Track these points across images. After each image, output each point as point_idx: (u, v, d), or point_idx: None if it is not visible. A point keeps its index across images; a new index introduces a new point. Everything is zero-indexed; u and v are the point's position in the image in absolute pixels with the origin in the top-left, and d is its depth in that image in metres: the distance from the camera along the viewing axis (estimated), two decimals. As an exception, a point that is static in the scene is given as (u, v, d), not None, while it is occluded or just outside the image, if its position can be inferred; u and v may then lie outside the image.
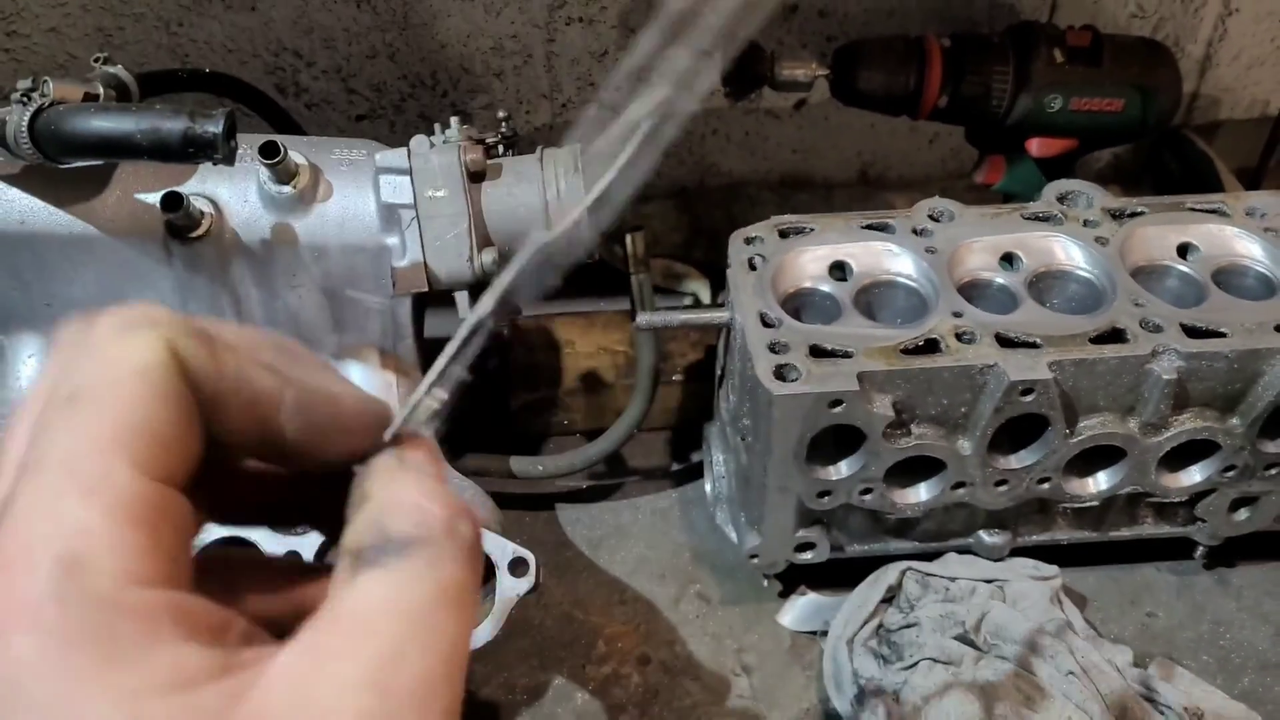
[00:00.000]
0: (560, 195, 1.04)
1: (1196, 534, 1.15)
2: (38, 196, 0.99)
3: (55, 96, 0.88)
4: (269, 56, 1.46)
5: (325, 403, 0.38)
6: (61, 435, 0.32)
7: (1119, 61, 1.26)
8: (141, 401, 0.33)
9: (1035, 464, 1.04)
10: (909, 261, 1.09)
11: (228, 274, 1.03)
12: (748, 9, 0.39)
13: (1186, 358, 0.98)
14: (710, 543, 1.23)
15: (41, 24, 1.39)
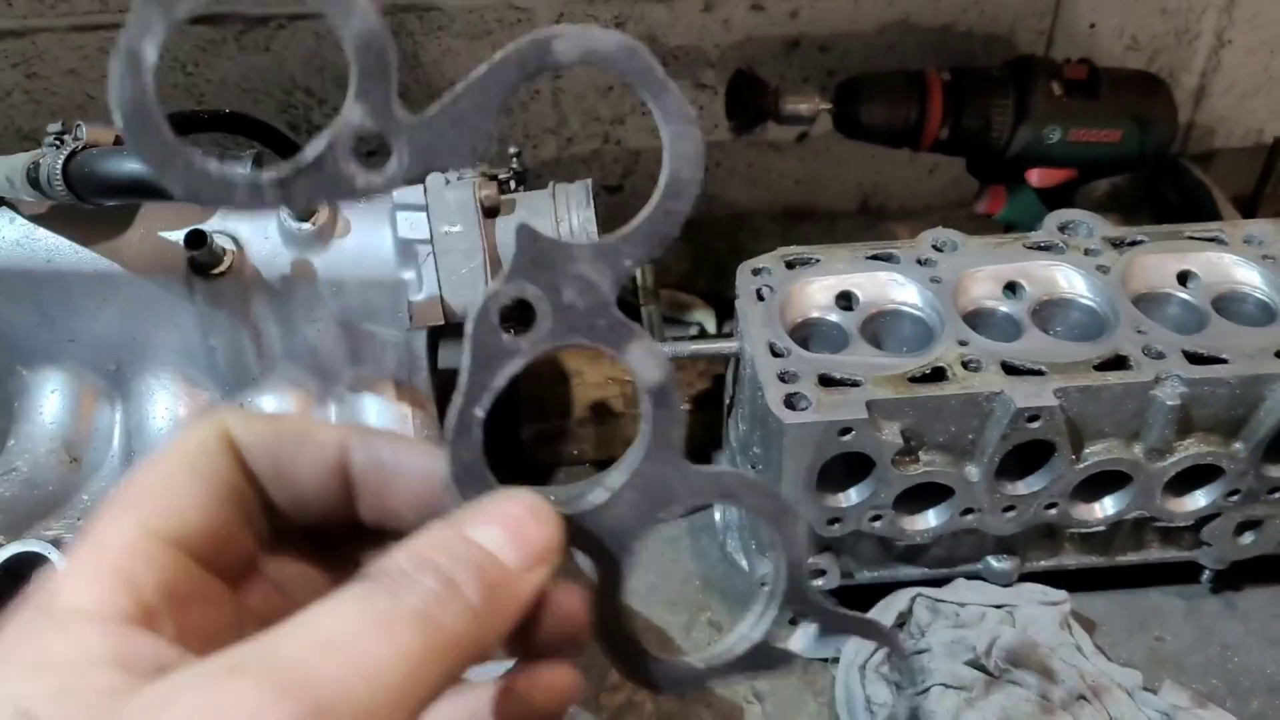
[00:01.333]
0: (573, 229, 1.06)
1: (1203, 558, 1.17)
2: (64, 235, 1.01)
3: (88, 140, 0.91)
4: (281, 95, 1.49)
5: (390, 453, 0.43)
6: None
7: (1116, 94, 1.29)
8: (165, 473, 0.38)
9: (1042, 490, 1.05)
10: (914, 291, 1.11)
11: (248, 309, 1.05)
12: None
13: (1189, 384, 1.00)
14: (720, 570, 1.24)
15: (61, 65, 1.41)
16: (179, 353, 1.08)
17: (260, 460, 0.40)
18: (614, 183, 1.65)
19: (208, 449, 0.39)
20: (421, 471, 0.42)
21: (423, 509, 0.41)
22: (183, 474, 0.38)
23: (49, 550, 0.94)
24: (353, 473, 0.42)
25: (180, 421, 1.08)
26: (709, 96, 1.58)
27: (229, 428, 0.40)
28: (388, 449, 0.42)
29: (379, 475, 0.42)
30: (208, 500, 0.38)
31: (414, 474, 0.42)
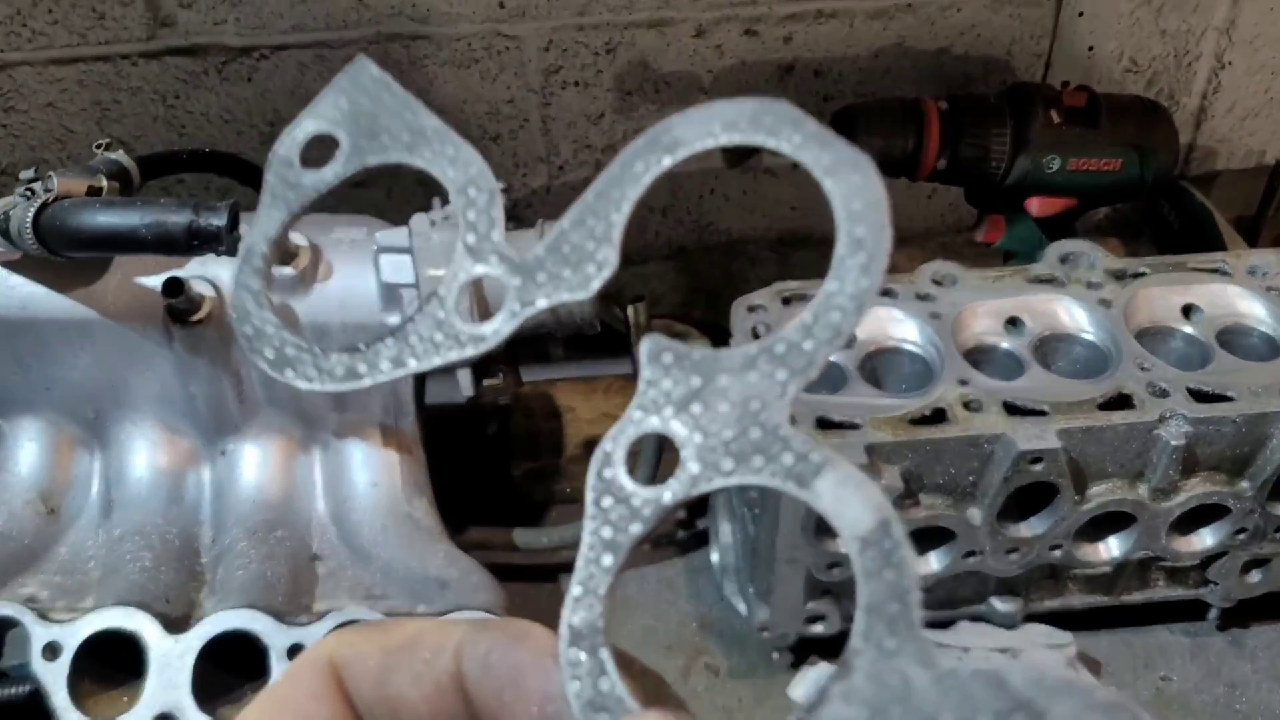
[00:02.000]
0: (562, 270, 1.04)
1: (1209, 596, 1.14)
2: (39, 282, 0.99)
3: (59, 191, 0.88)
4: (265, 126, 1.46)
5: (503, 664, 0.35)
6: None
7: (1116, 121, 1.26)
8: (277, 691, 0.35)
9: (1046, 532, 1.03)
10: (913, 327, 1.09)
11: (229, 356, 1.02)
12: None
13: (1194, 423, 0.98)
14: (718, 612, 1.22)
15: (38, 100, 1.39)
16: (158, 400, 1.05)
17: (372, 697, 0.35)
18: (606, 210, 1.63)
19: (315, 674, 0.35)
20: (536, 684, 0.34)
21: None
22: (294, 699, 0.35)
23: (21, 613, 0.92)
24: (469, 691, 0.35)
25: (162, 473, 1.05)
26: (701, 123, 1.55)
27: (341, 663, 0.35)
28: (500, 651, 0.35)
29: (494, 685, 0.35)
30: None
31: (531, 685, 0.34)
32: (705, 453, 0.33)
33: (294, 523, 1.06)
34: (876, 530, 0.32)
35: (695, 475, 0.33)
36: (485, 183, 0.37)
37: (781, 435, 0.33)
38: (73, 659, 0.90)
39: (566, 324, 1.06)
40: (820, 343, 0.33)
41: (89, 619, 0.91)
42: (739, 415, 0.33)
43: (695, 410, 0.34)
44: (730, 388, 0.33)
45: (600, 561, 0.34)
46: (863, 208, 0.33)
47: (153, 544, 1.00)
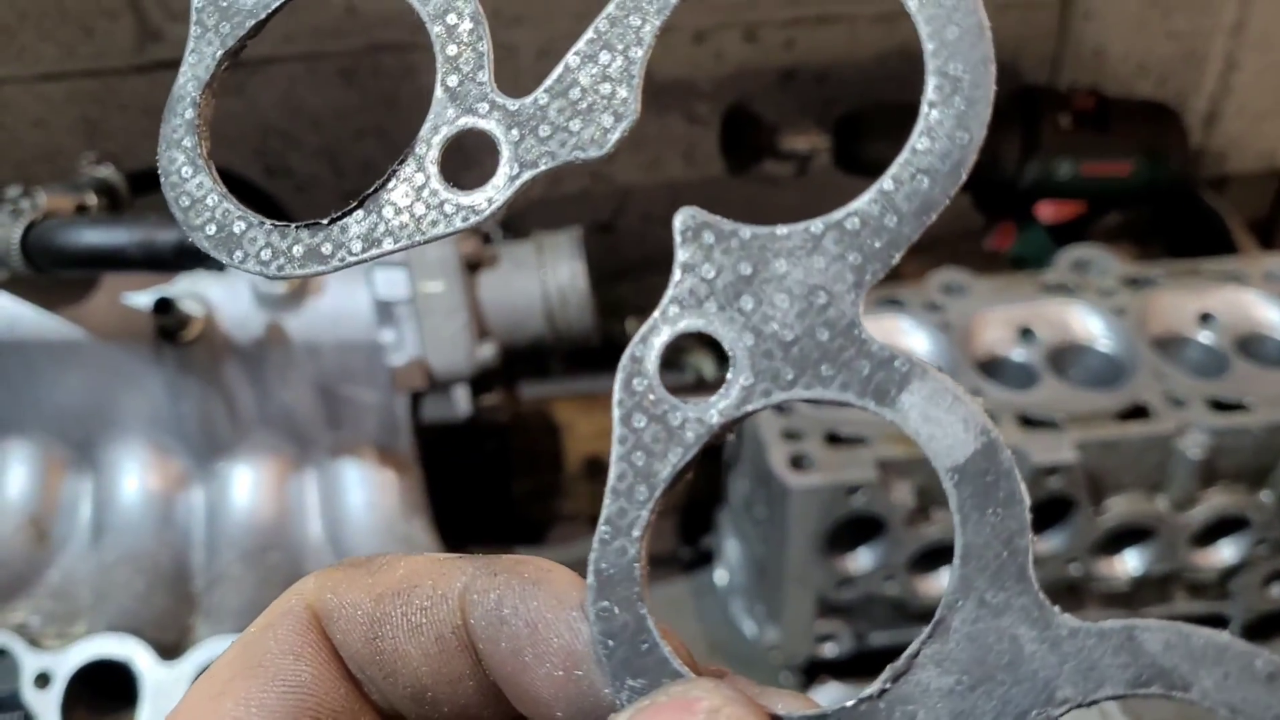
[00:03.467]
0: (560, 284, 1.01)
1: (1230, 610, 1.11)
2: (26, 303, 0.96)
3: (46, 208, 0.85)
4: (256, 139, 1.44)
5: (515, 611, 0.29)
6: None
7: (1126, 125, 1.24)
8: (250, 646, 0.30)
9: (1063, 547, 1.00)
10: (923, 339, 1.06)
11: (220, 374, 0.99)
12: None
13: (1213, 434, 0.95)
14: (724, 631, 1.19)
15: (27, 116, 1.36)
16: (149, 420, 1.02)
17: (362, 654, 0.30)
18: (604, 220, 1.60)
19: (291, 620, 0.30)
20: (560, 641, 0.29)
21: (568, 698, 0.29)
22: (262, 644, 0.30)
23: (12, 642, 0.89)
24: (479, 647, 0.30)
25: (153, 495, 1.02)
26: (702, 131, 1.53)
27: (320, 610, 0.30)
28: (513, 601, 0.29)
29: (509, 643, 0.29)
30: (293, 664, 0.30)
31: (554, 642, 0.29)
32: (760, 359, 0.27)
33: (288, 545, 1.03)
34: (979, 457, 0.27)
35: (748, 387, 0.27)
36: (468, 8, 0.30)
37: (857, 337, 0.27)
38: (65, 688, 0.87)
39: (566, 338, 1.03)
40: (905, 216, 0.28)
41: (80, 647, 0.88)
42: (801, 311, 0.27)
43: (746, 305, 0.28)
44: (790, 275, 0.28)
45: (633, 494, 0.28)
46: (959, 37, 0.27)
47: (144, 568, 0.98)
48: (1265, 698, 0.25)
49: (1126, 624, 0.26)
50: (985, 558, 0.27)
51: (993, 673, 0.26)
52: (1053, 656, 0.26)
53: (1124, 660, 0.26)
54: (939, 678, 0.26)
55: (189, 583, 1.00)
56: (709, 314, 0.27)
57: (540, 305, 1.01)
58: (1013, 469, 0.27)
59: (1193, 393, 0.98)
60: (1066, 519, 0.99)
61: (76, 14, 1.31)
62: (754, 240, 0.28)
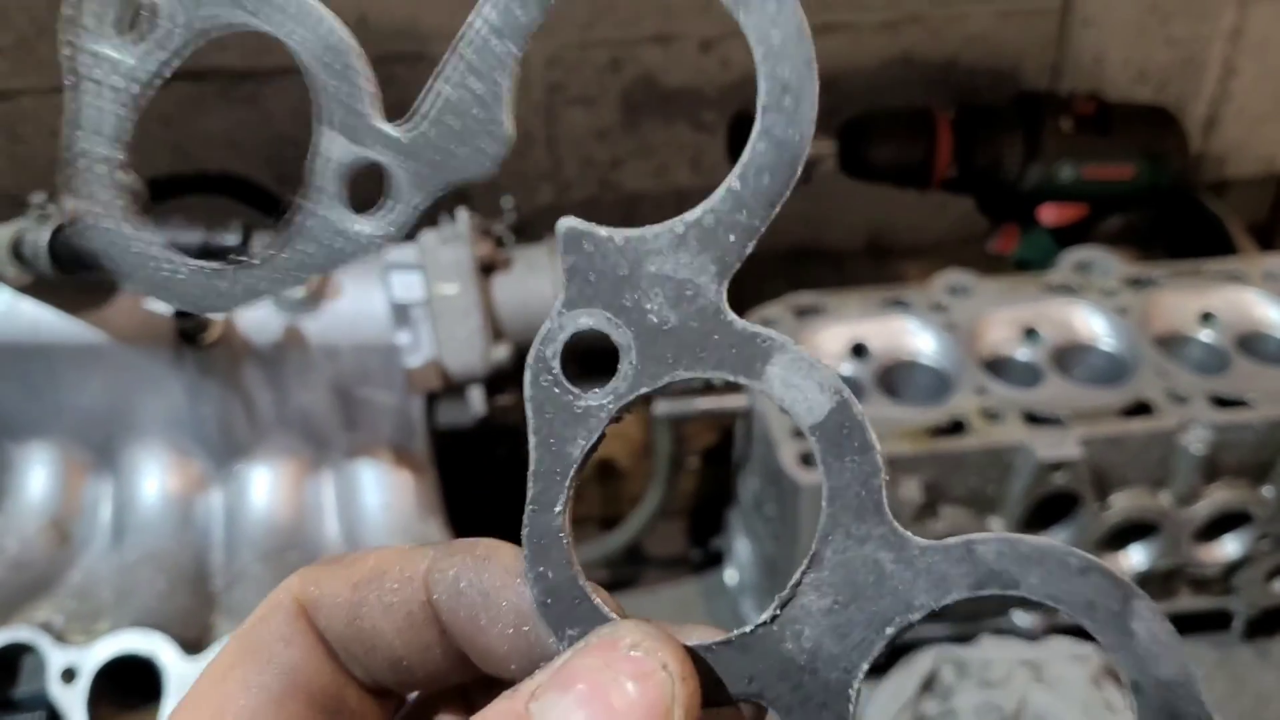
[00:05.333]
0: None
1: (1234, 605, 1.13)
2: (49, 306, 0.98)
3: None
4: (269, 149, 1.46)
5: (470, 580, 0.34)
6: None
7: (1127, 129, 1.26)
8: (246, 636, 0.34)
9: (1068, 542, 1.01)
10: (929, 339, 1.08)
11: (239, 377, 1.01)
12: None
13: (1215, 430, 0.97)
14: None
15: (44, 127, 1.38)
16: (169, 422, 1.04)
17: (343, 634, 0.35)
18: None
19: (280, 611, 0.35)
20: (509, 604, 0.33)
21: (520, 651, 0.34)
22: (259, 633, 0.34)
23: (38, 638, 0.90)
24: (442, 618, 0.34)
25: (173, 497, 1.04)
26: (709, 138, 1.55)
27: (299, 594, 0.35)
28: (468, 575, 0.34)
29: (466, 611, 0.34)
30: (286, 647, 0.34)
31: (503, 605, 0.34)
32: (644, 348, 0.31)
33: (306, 544, 1.05)
34: (835, 414, 0.31)
35: (637, 374, 0.32)
36: (343, 45, 0.31)
37: (723, 321, 0.31)
38: (90, 683, 0.89)
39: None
40: (753, 210, 0.31)
41: (106, 642, 0.90)
42: (674, 302, 0.31)
43: (627, 302, 0.31)
44: (661, 272, 0.31)
45: (551, 475, 0.32)
46: (782, 42, 0.30)
47: (165, 568, 0.99)
48: (1079, 587, 0.30)
49: (966, 539, 0.31)
50: (847, 497, 0.31)
51: (862, 591, 0.32)
52: (908, 573, 0.31)
53: (966, 569, 0.31)
54: (819, 600, 0.32)
55: (209, 582, 1.02)
56: (596, 313, 0.32)
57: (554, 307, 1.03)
58: (864, 421, 0.31)
59: (1195, 389, 1.00)
60: (1071, 515, 1.01)
61: (93, 26, 1.33)
62: (627, 244, 0.31)
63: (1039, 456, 0.95)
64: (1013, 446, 0.96)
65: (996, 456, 0.96)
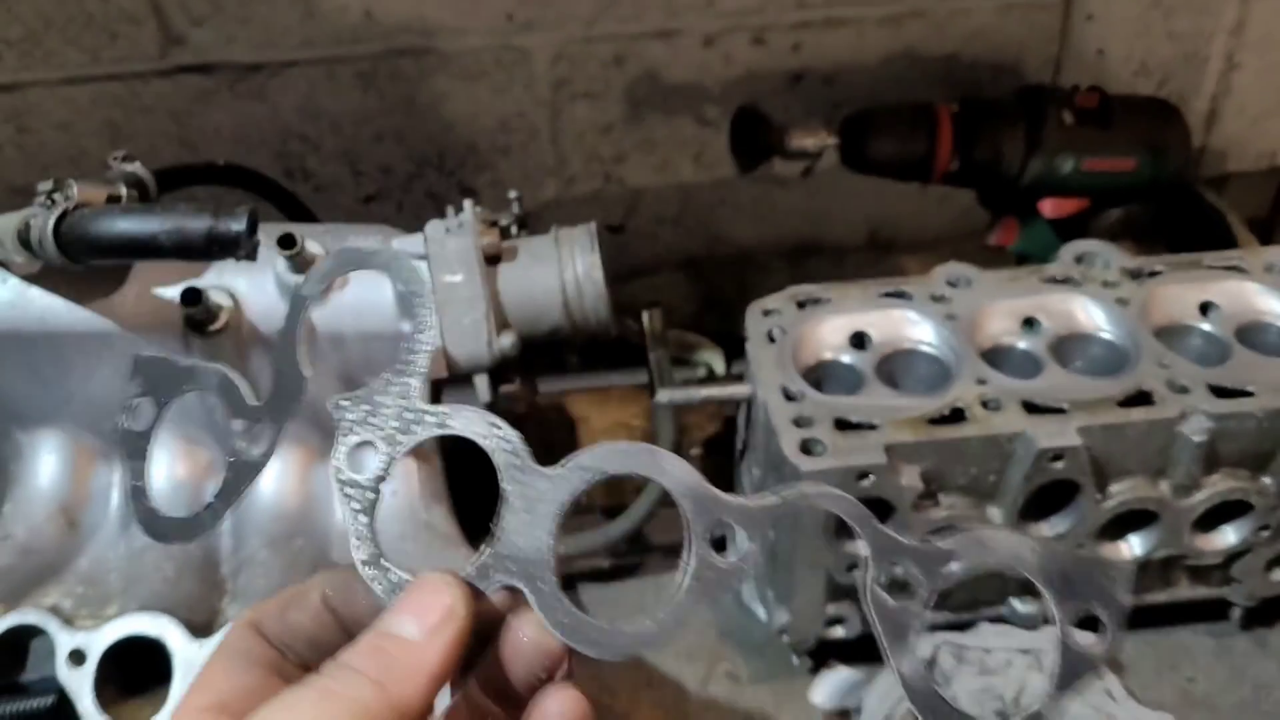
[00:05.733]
0: (578, 276, 1.04)
1: (1233, 595, 1.13)
2: (58, 295, 0.99)
3: (79, 199, 0.88)
4: (276, 143, 1.47)
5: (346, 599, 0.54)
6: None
7: (1128, 121, 1.26)
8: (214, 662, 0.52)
9: (1068, 531, 1.02)
10: (929, 329, 1.08)
11: (246, 365, 1.02)
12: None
13: (1215, 418, 0.97)
14: (737, 619, 1.21)
15: (52, 119, 1.39)
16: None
17: (279, 631, 0.53)
18: (616, 223, 1.63)
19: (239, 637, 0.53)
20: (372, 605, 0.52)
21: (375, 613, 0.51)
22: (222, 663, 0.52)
23: (46, 621, 0.91)
24: (337, 611, 0.54)
25: (181, 484, 1.05)
26: (712, 133, 1.56)
27: (254, 622, 0.53)
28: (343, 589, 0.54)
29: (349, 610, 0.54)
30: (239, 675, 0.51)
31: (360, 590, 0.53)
32: (389, 438, 0.52)
33: (313, 531, 1.06)
34: (488, 426, 0.53)
35: (389, 452, 0.52)
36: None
37: (421, 410, 0.53)
38: (98, 665, 0.90)
39: (583, 329, 1.06)
40: (422, 354, 0.53)
41: (114, 625, 0.91)
42: (398, 413, 0.53)
43: (375, 421, 0.53)
44: (386, 402, 0.53)
45: (359, 521, 0.51)
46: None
47: (173, 554, 1.00)
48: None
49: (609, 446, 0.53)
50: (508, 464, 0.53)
51: (532, 504, 0.52)
52: (546, 483, 0.52)
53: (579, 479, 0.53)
54: (511, 517, 0.52)
55: (217, 568, 1.03)
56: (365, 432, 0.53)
57: (558, 297, 1.04)
58: (506, 425, 0.53)
59: (1195, 379, 1.00)
60: (1071, 504, 1.01)
61: (101, 19, 1.34)
62: (366, 396, 0.54)
63: (1039, 445, 0.95)
64: (1012, 435, 0.97)
65: (996, 445, 0.97)
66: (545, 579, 0.51)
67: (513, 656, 0.52)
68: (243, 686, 0.50)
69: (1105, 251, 1.15)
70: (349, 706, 0.47)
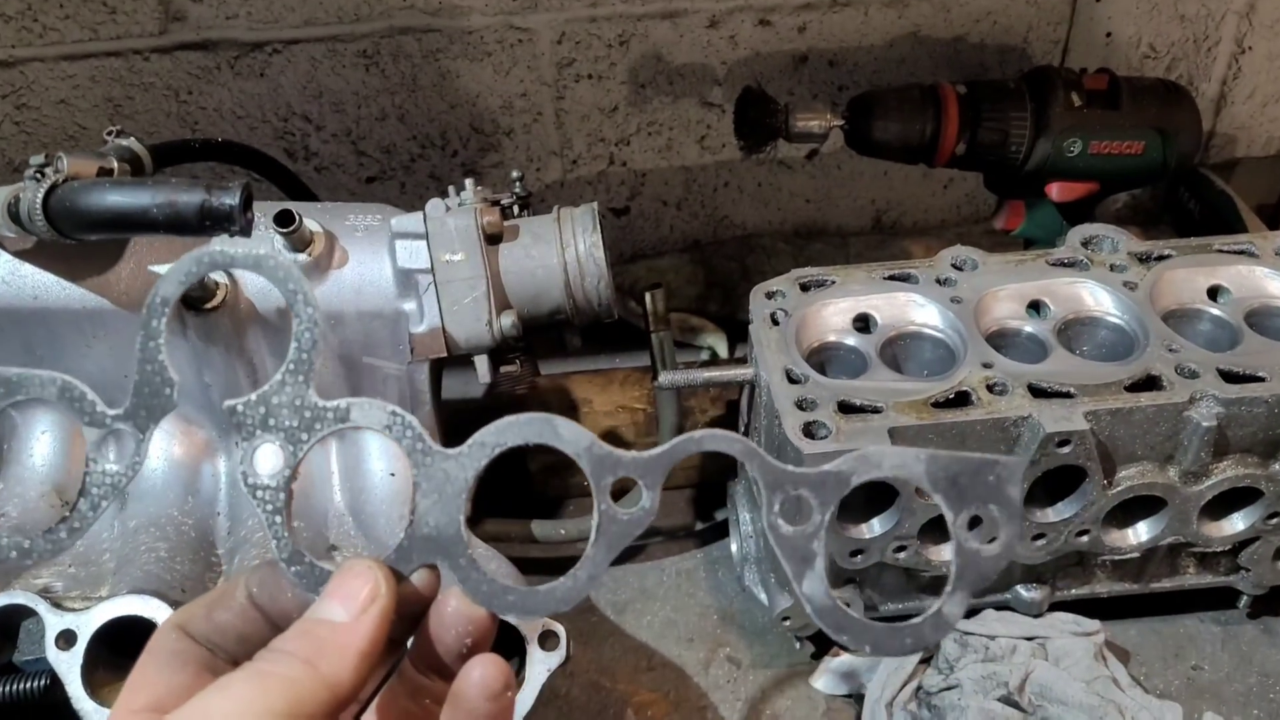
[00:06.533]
0: (579, 256, 1.02)
1: (1240, 583, 1.12)
2: (51, 272, 0.97)
3: (69, 172, 0.87)
4: (278, 122, 1.45)
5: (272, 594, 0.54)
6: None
7: (1138, 104, 1.25)
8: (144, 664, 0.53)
9: (1073, 517, 1.01)
10: (934, 312, 1.07)
11: (243, 344, 1.01)
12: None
13: (1225, 404, 0.96)
14: (738, 604, 1.20)
15: (50, 96, 1.38)
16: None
17: (206, 630, 0.53)
18: (620, 205, 1.62)
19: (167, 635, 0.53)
20: (300, 601, 0.54)
21: (300, 606, 0.53)
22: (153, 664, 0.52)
23: (36, 602, 0.90)
24: (263, 607, 0.54)
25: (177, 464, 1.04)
26: (716, 115, 1.54)
27: (181, 623, 0.54)
28: (267, 584, 0.54)
29: (274, 605, 0.54)
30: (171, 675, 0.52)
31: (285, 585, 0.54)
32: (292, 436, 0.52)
33: (310, 514, 1.05)
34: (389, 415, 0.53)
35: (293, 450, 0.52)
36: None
37: (320, 406, 0.53)
38: (87, 647, 0.89)
39: (584, 310, 1.05)
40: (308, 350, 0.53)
41: (104, 607, 0.90)
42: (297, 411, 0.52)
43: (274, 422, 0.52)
44: (283, 401, 0.53)
45: (275, 522, 0.53)
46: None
47: (168, 535, 0.99)
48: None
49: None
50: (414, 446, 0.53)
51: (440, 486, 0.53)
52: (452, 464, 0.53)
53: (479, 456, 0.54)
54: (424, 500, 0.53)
55: (212, 550, 1.02)
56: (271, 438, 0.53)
57: (560, 277, 1.02)
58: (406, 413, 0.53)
59: (1205, 364, 0.99)
60: (1078, 489, 1.00)
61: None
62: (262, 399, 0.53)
63: (1046, 429, 0.94)
64: (1019, 419, 0.95)
65: (1002, 429, 0.96)
66: (462, 554, 0.53)
67: (440, 629, 0.54)
68: (177, 685, 0.51)
69: (1114, 235, 1.13)
70: (282, 685, 0.48)
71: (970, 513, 0.52)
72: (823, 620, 0.53)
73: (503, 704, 0.53)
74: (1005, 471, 0.51)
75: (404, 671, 0.56)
